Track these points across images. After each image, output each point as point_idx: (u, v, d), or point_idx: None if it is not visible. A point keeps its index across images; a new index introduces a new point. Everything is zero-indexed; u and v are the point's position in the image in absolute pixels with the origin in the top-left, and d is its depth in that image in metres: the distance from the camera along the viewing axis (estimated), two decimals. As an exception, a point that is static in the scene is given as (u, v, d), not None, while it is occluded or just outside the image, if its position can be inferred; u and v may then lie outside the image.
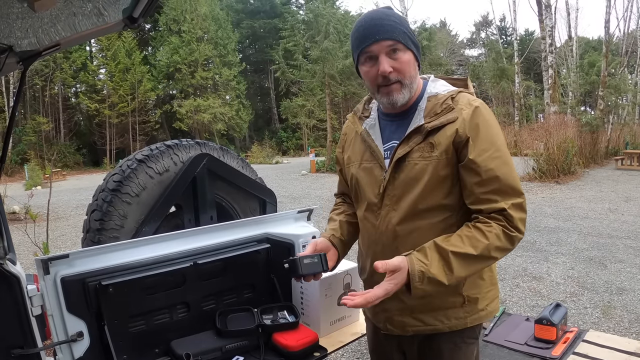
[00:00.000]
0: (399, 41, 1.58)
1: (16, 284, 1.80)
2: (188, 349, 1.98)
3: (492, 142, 1.56)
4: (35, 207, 9.18)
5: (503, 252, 1.56)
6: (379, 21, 1.59)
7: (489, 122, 1.58)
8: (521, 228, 1.55)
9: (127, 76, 36.61)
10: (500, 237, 1.52)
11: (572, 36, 29.84)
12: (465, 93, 1.65)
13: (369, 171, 1.75)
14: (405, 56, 1.60)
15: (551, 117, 17.65)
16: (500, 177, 1.54)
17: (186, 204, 3.10)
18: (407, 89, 1.62)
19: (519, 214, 1.55)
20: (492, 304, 1.73)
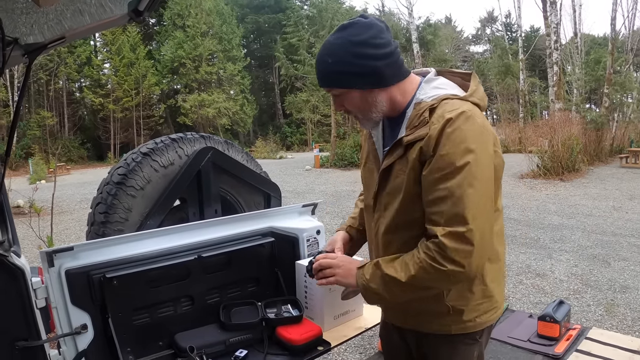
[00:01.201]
0: (333, 87, 1.58)
1: (20, 277, 1.80)
2: (192, 342, 1.98)
3: (451, 161, 1.43)
4: (39, 201, 9.21)
5: (441, 283, 1.53)
6: (316, 67, 1.59)
7: (458, 138, 1.44)
8: (458, 260, 1.43)
9: (132, 71, 36.60)
10: (427, 270, 1.47)
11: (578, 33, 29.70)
12: (453, 100, 1.53)
13: (370, 172, 1.77)
14: (346, 97, 1.58)
15: (556, 114, 17.58)
16: (447, 199, 1.44)
17: (191, 197, 3.11)
18: (364, 120, 1.64)
19: (455, 244, 1.42)
20: (485, 316, 1.68)
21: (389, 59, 1.53)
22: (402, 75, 1.59)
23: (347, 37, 1.51)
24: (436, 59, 42.53)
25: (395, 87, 1.59)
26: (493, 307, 1.70)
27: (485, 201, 1.46)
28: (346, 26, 1.53)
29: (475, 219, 1.43)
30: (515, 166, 16.07)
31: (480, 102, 1.59)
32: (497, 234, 1.64)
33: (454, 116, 1.45)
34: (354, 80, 1.54)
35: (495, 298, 1.70)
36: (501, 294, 1.75)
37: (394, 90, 1.59)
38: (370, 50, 1.50)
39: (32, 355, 1.83)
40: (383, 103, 1.59)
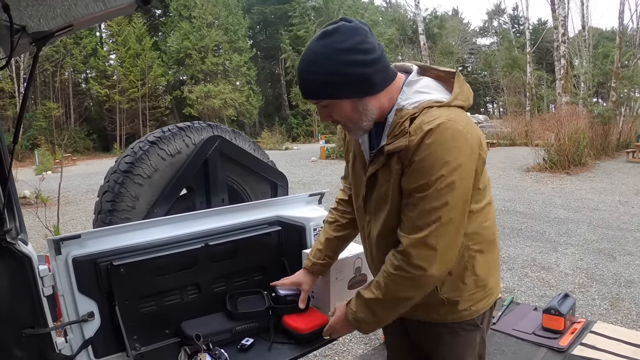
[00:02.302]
0: (321, 98, 1.53)
1: (28, 264, 1.81)
2: (198, 330, 1.98)
3: (426, 174, 1.43)
4: (45, 192, 9.25)
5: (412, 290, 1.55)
6: (300, 78, 1.53)
7: (435, 151, 1.42)
8: (421, 264, 1.47)
9: (138, 62, 36.59)
10: (396, 281, 1.54)
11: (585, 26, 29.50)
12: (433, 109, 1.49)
13: (358, 175, 1.76)
14: (335, 108, 1.54)
15: (563, 108, 17.51)
16: (417, 208, 1.47)
17: (198, 186, 3.12)
18: (354, 129, 1.60)
19: (418, 251, 1.47)
20: (479, 304, 1.70)
21: (377, 65, 1.49)
22: (390, 79, 1.56)
23: (332, 44, 1.44)
24: (443, 51, 42.41)
25: (384, 92, 1.55)
26: (487, 294, 1.72)
27: (455, 213, 1.47)
28: (330, 32, 1.46)
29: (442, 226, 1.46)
30: (522, 159, 16.04)
31: (465, 103, 1.56)
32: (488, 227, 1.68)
33: (432, 127, 1.43)
34: (344, 90, 1.49)
35: (488, 286, 1.71)
36: (496, 281, 1.78)
37: (383, 95, 1.55)
38: (358, 56, 1.45)
39: (38, 343, 1.84)
40: (373, 111, 1.55)
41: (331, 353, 3.89)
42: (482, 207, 1.63)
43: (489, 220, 1.68)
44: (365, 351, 3.77)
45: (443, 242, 1.47)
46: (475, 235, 1.62)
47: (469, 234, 1.59)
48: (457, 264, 1.60)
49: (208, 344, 1.95)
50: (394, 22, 43.04)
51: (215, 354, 1.91)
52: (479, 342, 1.78)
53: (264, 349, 2.06)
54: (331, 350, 3.91)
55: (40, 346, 1.84)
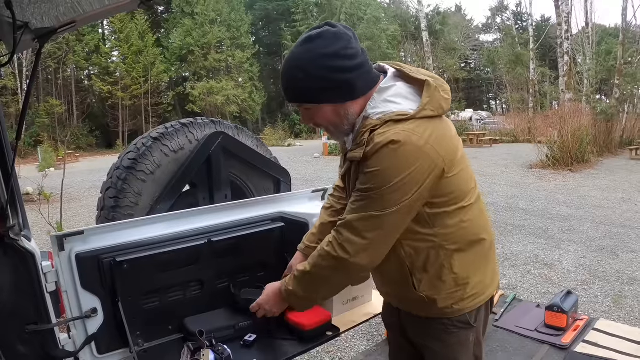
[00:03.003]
0: (304, 103, 1.57)
1: (31, 260, 1.82)
2: (201, 326, 1.99)
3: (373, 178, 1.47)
4: (48, 189, 9.22)
5: (335, 272, 1.60)
6: (283, 82, 1.58)
7: (384, 162, 1.45)
8: (348, 249, 1.53)
9: (140, 58, 36.57)
10: (323, 256, 1.60)
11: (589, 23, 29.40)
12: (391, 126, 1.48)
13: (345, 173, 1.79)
14: (318, 112, 1.57)
15: (566, 105, 17.49)
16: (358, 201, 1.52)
17: (201, 182, 3.12)
18: (336, 132, 1.64)
19: (348, 234, 1.53)
20: (462, 303, 1.67)
21: (360, 70, 1.52)
22: (372, 84, 1.58)
23: (316, 49, 1.47)
24: (446, 48, 42.31)
25: (366, 96, 1.57)
26: (471, 294, 1.69)
27: (393, 217, 1.50)
28: (314, 37, 1.49)
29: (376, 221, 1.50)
30: (525, 156, 16.01)
31: (436, 112, 1.54)
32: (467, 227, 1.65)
33: (382, 142, 1.45)
34: (326, 94, 1.52)
35: (471, 285, 1.68)
36: (484, 280, 1.74)
37: (364, 100, 1.57)
38: (342, 62, 1.48)
39: (42, 339, 1.85)
40: (354, 115, 1.57)
41: (334, 349, 3.90)
42: (455, 209, 1.60)
43: (468, 221, 1.65)
44: (367, 347, 3.77)
45: (373, 235, 1.51)
46: (451, 236, 1.61)
47: (443, 234, 1.59)
48: (434, 262, 1.61)
49: (211, 340, 1.95)
50: (396, 19, 42.95)
51: (218, 350, 1.91)
52: (473, 342, 1.76)
53: (266, 345, 2.06)
54: (334, 347, 3.92)
55: (43, 342, 1.85)
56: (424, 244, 1.59)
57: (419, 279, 1.63)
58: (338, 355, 3.84)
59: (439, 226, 1.58)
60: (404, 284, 1.64)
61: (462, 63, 51.06)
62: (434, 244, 1.59)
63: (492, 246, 1.79)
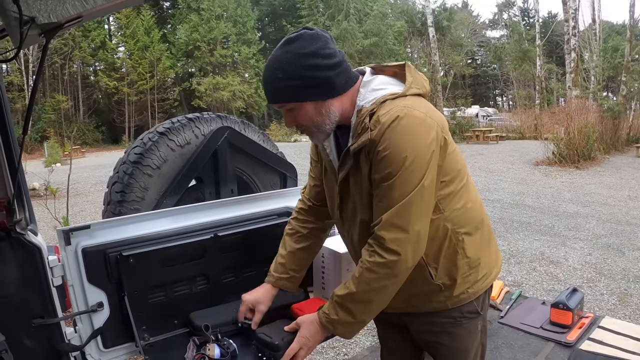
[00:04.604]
0: (285, 102, 1.57)
1: (37, 255, 1.83)
2: (207, 320, 1.99)
3: (391, 162, 1.47)
4: (54, 184, 9.29)
5: (387, 279, 1.54)
6: (265, 83, 1.58)
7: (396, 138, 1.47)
8: (394, 249, 1.49)
9: (146, 54, 36.65)
10: (371, 269, 1.53)
11: (596, 19, 29.28)
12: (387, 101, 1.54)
13: (330, 184, 1.78)
14: (300, 111, 1.57)
15: (572, 102, 17.42)
16: (385, 197, 1.50)
17: (207, 177, 3.12)
18: (317, 132, 1.62)
19: (391, 234, 1.49)
20: (476, 285, 1.70)
21: (338, 68, 1.55)
22: (351, 82, 1.60)
23: (295, 50, 1.50)
24: (452, 44, 42.18)
25: (346, 95, 1.59)
26: (482, 275, 1.72)
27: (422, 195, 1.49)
28: (292, 39, 1.53)
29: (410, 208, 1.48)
30: (531, 153, 15.97)
31: (421, 90, 1.60)
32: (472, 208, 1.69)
33: (388, 120, 1.48)
34: (307, 92, 1.54)
35: (482, 266, 1.72)
36: (491, 259, 1.78)
37: (345, 98, 1.59)
38: (320, 60, 1.51)
39: (48, 333, 1.86)
40: (336, 113, 1.59)
41: (339, 344, 3.91)
42: (461, 187, 1.65)
43: (471, 201, 1.69)
44: (372, 343, 3.78)
45: (412, 224, 1.49)
46: (461, 218, 1.64)
47: (454, 218, 1.62)
48: (447, 248, 1.63)
49: (217, 334, 1.96)
50: (403, 15, 42.82)
51: (223, 344, 1.91)
52: (480, 330, 1.79)
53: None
54: (339, 342, 3.92)
55: (49, 336, 1.86)
56: (437, 231, 1.60)
57: (435, 267, 1.64)
58: (343, 350, 3.85)
59: (448, 210, 1.60)
60: (419, 277, 1.63)
61: (469, 59, 50.88)
62: (446, 230, 1.61)
63: (490, 224, 1.83)
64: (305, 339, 1.69)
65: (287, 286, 1.98)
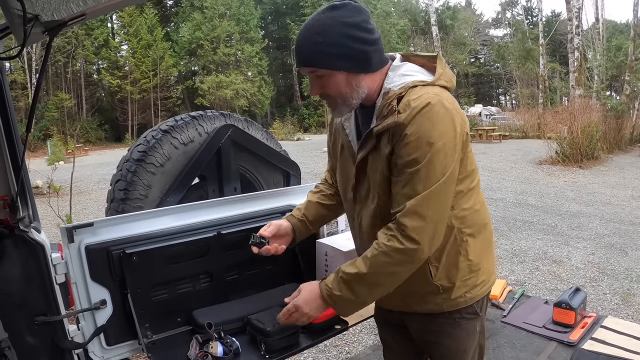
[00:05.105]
0: (319, 68, 1.53)
1: (41, 252, 1.83)
2: (210, 318, 1.99)
3: (418, 146, 1.45)
4: (57, 182, 9.31)
5: (400, 266, 1.51)
6: (300, 45, 1.54)
7: (424, 126, 1.45)
8: (414, 237, 1.46)
9: (149, 52, 36.68)
10: (387, 253, 1.49)
11: (599, 18, 29.20)
12: (418, 87, 1.53)
13: (346, 163, 1.76)
14: (331, 80, 1.54)
15: (576, 101, 17.40)
16: (409, 183, 1.47)
17: (210, 175, 3.13)
18: (342, 105, 1.60)
19: (412, 222, 1.46)
20: (474, 290, 1.69)
21: (376, 45, 1.54)
22: (383, 62, 1.60)
23: (339, 17, 1.48)
24: (455, 43, 42.14)
25: (377, 74, 1.59)
26: (481, 280, 1.72)
27: (444, 186, 1.49)
28: (337, 6, 1.50)
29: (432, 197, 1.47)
30: (534, 152, 15.95)
31: (448, 84, 1.59)
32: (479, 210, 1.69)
33: (419, 104, 1.46)
34: (343, 62, 1.52)
35: (482, 271, 1.71)
36: (490, 266, 1.77)
37: (375, 77, 1.59)
38: (362, 34, 1.50)
39: (51, 330, 1.86)
40: (364, 89, 1.57)
41: (341, 343, 3.91)
42: (472, 188, 1.65)
43: (479, 203, 1.69)
44: (375, 342, 3.78)
45: (432, 212, 1.47)
46: (468, 218, 1.64)
47: (461, 217, 1.61)
48: (451, 247, 1.61)
49: (220, 332, 1.96)
50: (406, 13, 42.81)
51: (226, 342, 1.91)
52: (479, 331, 1.79)
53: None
54: (341, 340, 3.93)
55: (52, 333, 1.86)
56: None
57: (436, 266, 1.63)
58: (346, 349, 3.85)
59: (457, 208, 1.60)
60: (419, 275, 1.61)
61: (472, 58, 50.82)
62: (452, 228, 1.60)
63: (492, 230, 1.82)
64: (302, 302, 1.65)
65: (296, 225, 1.98)
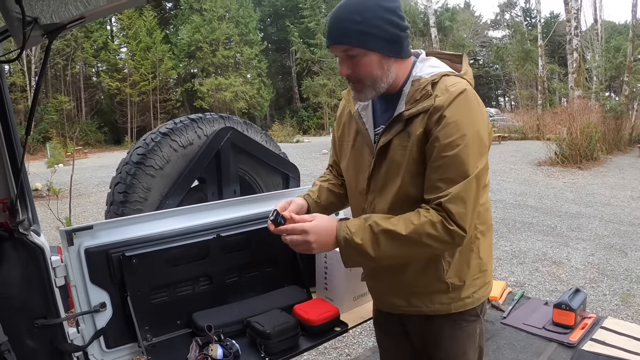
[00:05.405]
0: (354, 46, 1.53)
1: (40, 255, 1.82)
2: (210, 321, 1.99)
3: (458, 129, 1.47)
4: (57, 184, 9.31)
5: (439, 243, 1.49)
6: (336, 22, 1.53)
7: (462, 110, 1.49)
8: (462, 224, 1.47)
9: (148, 55, 36.70)
10: (436, 226, 1.47)
11: (598, 19, 29.22)
12: (451, 76, 1.57)
13: (359, 153, 1.75)
14: (364, 59, 1.54)
15: (575, 102, 17.41)
16: (453, 167, 1.47)
17: (210, 177, 3.13)
18: (370, 88, 1.59)
19: (457, 207, 1.46)
20: (481, 291, 1.71)
21: (406, 33, 1.58)
22: (409, 53, 1.64)
23: (378, 1, 1.51)
24: (454, 44, 42.12)
25: (405, 61, 1.62)
26: (487, 281, 1.75)
27: (480, 172, 1.51)
28: None
29: (471, 182, 1.48)
30: (533, 153, 15.97)
31: (471, 82, 1.62)
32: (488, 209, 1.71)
33: (457, 89, 1.50)
34: (379, 43, 1.53)
35: (488, 272, 1.74)
36: (491, 270, 1.80)
37: (403, 64, 1.61)
38: (397, 19, 1.53)
39: (51, 333, 1.85)
40: (393, 74, 1.59)
41: (341, 345, 3.91)
42: (486, 184, 1.65)
43: (488, 203, 1.71)
44: (375, 344, 3.77)
45: (473, 199, 1.49)
46: (482, 215, 1.65)
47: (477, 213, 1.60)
48: (465, 244, 1.59)
49: (219, 335, 1.96)
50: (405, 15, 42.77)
51: (226, 345, 1.91)
52: (478, 334, 1.79)
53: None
54: (341, 342, 3.93)
55: (52, 336, 1.86)
56: None
57: (449, 262, 1.63)
58: (345, 351, 3.85)
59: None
60: (432, 270, 1.62)
61: (471, 59, 50.88)
62: None
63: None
64: (311, 229, 1.58)
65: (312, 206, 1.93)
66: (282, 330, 1.94)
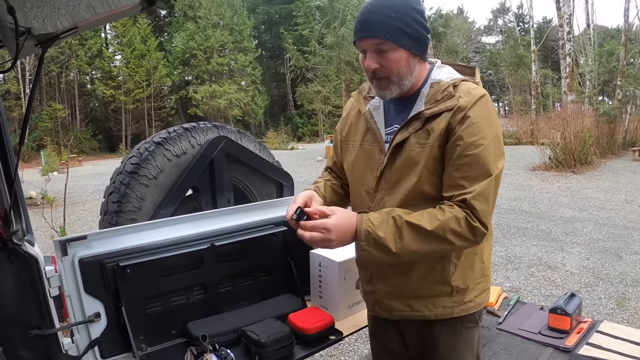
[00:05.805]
0: (387, 40, 1.53)
1: (34, 265, 1.82)
2: (204, 330, 1.99)
3: (481, 129, 1.52)
4: (51, 192, 9.28)
5: (461, 240, 1.50)
6: (370, 15, 1.55)
7: (484, 112, 1.55)
8: (485, 222, 1.50)
9: (143, 62, 36.68)
10: (460, 222, 1.49)
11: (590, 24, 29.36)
12: (470, 82, 1.63)
13: (368, 153, 1.74)
14: (394, 55, 1.55)
15: (568, 106, 17.48)
16: (476, 166, 1.51)
17: (203, 186, 3.12)
18: (395, 85, 1.60)
19: (482, 206, 1.50)
20: (482, 296, 1.73)
21: (429, 37, 1.64)
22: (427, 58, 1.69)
23: (409, 1, 1.56)
24: (448, 50, 42.29)
25: (425, 64, 1.67)
26: (487, 287, 1.77)
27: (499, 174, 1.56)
28: None
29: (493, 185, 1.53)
30: (527, 158, 16.01)
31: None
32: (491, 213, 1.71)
33: (479, 93, 1.56)
34: (410, 41, 1.56)
35: (488, 277, 1.77)
36: (491, 274, 1.82)
37: (423, 66, 1.66)
38: (424, 21, 1.59)
39: (45, 344, 1.84)
40: (416, 74, 1.63)
41: (337, 353, 3.90)
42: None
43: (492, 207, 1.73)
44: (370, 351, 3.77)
45: (494, 198, 1.55)
46: None
47: None
48: (471, 248, 1.63)
49: (214, 344, 1.95)
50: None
51: (221, 354, 1.91)
52: (476, 341, 1.79)
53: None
54: (337, 350, 3.92)
55: (46, 347, 1.85)
56: None
57: (455, 264, 1.64)
58: (341, 359, 3.84)
59: None
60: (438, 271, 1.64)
61: (465, 65, 50.91)
62: None
63: None
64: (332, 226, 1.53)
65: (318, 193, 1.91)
66: (277, 339, 1.94)
